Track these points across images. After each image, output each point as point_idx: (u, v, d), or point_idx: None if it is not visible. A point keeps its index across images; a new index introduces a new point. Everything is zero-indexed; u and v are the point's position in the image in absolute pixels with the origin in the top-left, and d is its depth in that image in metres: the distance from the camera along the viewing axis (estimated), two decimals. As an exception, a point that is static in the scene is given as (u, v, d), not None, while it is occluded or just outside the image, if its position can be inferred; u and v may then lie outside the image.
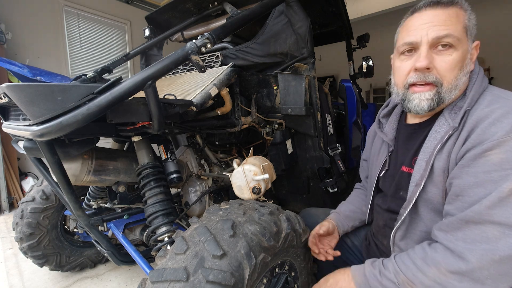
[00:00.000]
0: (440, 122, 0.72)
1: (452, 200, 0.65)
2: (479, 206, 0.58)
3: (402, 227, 0.78)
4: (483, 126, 0.62)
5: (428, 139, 0.73)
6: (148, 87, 0.80)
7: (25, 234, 1.54)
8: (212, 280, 0.63)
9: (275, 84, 1.42)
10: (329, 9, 2.13)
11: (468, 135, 0.64)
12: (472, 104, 0.67)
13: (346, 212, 1.06)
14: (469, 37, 0.69)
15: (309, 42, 1.31)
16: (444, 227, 0.64)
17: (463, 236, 0.60)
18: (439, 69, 0.69)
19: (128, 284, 1.67)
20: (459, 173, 0.64)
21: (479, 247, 0.57)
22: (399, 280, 0.67)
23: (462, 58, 0.68)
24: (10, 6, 3.44)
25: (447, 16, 0.67)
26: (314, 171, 1.55)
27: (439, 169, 0.69)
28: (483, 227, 0.57)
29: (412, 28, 0.72)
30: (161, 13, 1.91)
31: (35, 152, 0.93)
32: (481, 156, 0.60)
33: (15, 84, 0.67)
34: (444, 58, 0.68)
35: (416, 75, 0.71)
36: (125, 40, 4.72)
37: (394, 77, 0.81)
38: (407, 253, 0.70)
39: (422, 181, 0.71)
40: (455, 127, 0.66)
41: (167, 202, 1.13)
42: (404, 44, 0.73)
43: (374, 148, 1.00)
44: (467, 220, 0.59)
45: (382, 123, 0.98)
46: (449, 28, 0.66)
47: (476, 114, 0.64)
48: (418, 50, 0.71)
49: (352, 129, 2.23)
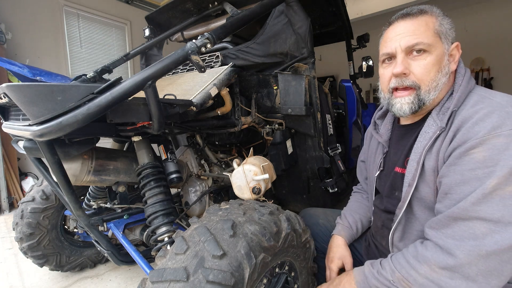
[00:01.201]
0: (429, 123, 0.74)
1: (442, 198, 0.67)
2: (464, 202, 0.60)
3: (399, 227, 0.80)
4: (467, 126, 0.64)
5: (418, 140, 0.75)
6: (148, 87, 0.80)
7: (25, 234, 1.53)
8: (212, 280, 0.63)
9: (275, 84, 1.42)
10: (329, 9, 2.13)
11: (454, 135, 0.66)
12: (459, 105, 0.70)
13: (359, 227, 1.03)
14: (444, 40, 0.73)
15: (309, 42, 1.31)
16: (434, 225, 0.67)
17: (452, 232, 0.62)
18: (416, 73, 0.74)
19: (128, 284, 1.67)
20: (447, 172, 0.66)
21: (466, 243, 0.59)
22: (395, 278, 0.69)
23: (438, 61, 0.72)
24: (10, 6, 3.44)
25: (416, 25, 0.73)
26: (314, 171, 1.55)
27: (429, 169, 0.71)
28: (470, 223, 0.59)
29: (388, 40, 0.79)
30: (161, 13, 1.91)
31: (35, 152, 0.93)
32: (466, 154, 0.62)
33: (15, 84, 0.67)
34: (419, 63, 0.73)
35: (395, 80, 0.77)
36: (125, 40, 4.72)
37: (380, 83, 0.87)
38: (402, 252, 0.72)
39: (414, 181, 0.73)
40: (443, 127, 0.69)
41: (167, 202, 1.13)
42: (383, 55, 0.81)
43: (370, 150, 1.01)
44: (455, 217, 0.62)
45: (377, 124, 1.00)
46: (419, 37, 0.72)
47: (461, 115, 0.67)
48: (396, 58, 0.76)
49: (352, 129, 2.23)
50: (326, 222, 1.13)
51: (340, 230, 1.03)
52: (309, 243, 0.98)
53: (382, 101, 0.87)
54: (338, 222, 1.06)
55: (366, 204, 1.09)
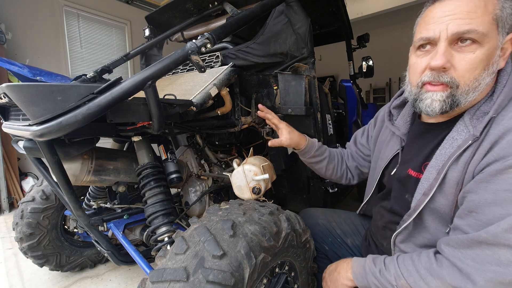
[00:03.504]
0: (458, 128, 0.64)
1: (464, 215, 0.60)
2: (495, 228, 0.53)
3: (404, 232, 0.75)
4: (509, 139, 0.55)
5: (443, 146, 0.66)
6: (148, 87, 0.80)
7: (25, 234, 1.53)
8: (212, 280, 0.63)
9: (275, 84, 1.42)
10: (329, 9, 2.13)
11: (491, 147, 0.57)
12: (499, 111, 0.59)
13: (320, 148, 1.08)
14: (501, 29, 0.59)
15: (309, 42, 1.31)
16: (452, 243, 0.60)
17: (473, 255, 0.56)
18: (457, 68, 0.61)
19: (128, 284, 1.67)
20: (476, 188, 0.58)
21: (489, 268, 0.53)
22: (399, 284, 0.66)
23: (488, 56, 0.59)
24: (10, 6, 3.43)
25: (472, 6, 0.58)
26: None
27: (452, 181, 0.63)
28: (497, 249, 0.53)
29: (431, 21, 0.63)
30: (161, 13, 1.91)
31: (35, 152, 0.93)
32: (504, 173, 0.54)
33: (15, 84, 0.67)
34: (465, 56, 0.59)
35: (430, 73, 0.64)
36: (125, 40, 4.72)
37: (409, 74, 0.73)
38: (411, 259, 0.67)
39: (431, 191, 0.65)
40: (476, 137, 0.59)
41: (167, 202, 1.13)
42: (420, 39, 0.66)
43: (381, 137, 0.93)
44: (480, 241, 0.55)
45: (393, 114, 0.90)
46: (473, 22, 0.57)
47: (503, 124, 0.57)
48: (436, 46, 0.63)
49: (352, 129, 2.23)
50: (326, 222, 1.12)
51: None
52: (309, 243, 0.98)
53: (408, 94, 0.75)
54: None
55: (339, 161, 1.09)
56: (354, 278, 0.76)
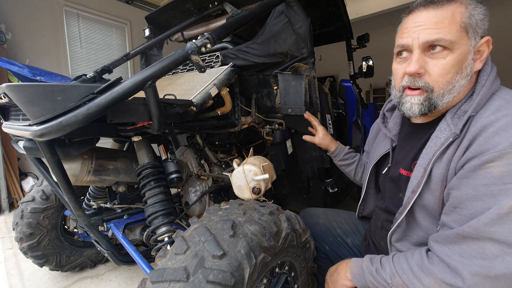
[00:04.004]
0: (441, 127, 0.68)
1: (450, 212, 0.63)
2: (476, 222, 0.55)
3: (398, 230, 0.77)
4: (486, 135, 0.58)
5: (429, 145, 0.70)
6: (148, 87, 0.80)
7: (25, 234, 1.53)
8: (212, 280, 0.63)
9: (275, 84, 1.42)
10: (329, 9, 2.13)
11: (470, 144, 0.60)
12: (478, 109, 0.62)
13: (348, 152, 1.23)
14: (472, 34, 0.64)
15: (309, 42, 1.31)
16: (440, 240, 0.62)
17: (460, 250, 0.58)
18: (431, 74, 0.66)
19: (128, 284, 1.67)
20: (458, 184, 0.61)
21: (475, 263, 0.55)
22: (394, 282, 0.67)
23: (459, 61, 0.64)
24: (10, 6, 3.43)
25: (440, 17, 0.64)
26: (314, 171, 1.55)
27: (437, 178, 0.66)
28: (481, 243, 0.55)
29: (405, 31, 0.70)
30: (161, 13, 1.91)
31: (35, 152, 0.93)
32: (481, 168, 0.56)
33: (15, 84, 0.67)
34: (437, 62, 0.65)
35: (408, 78, 0.70)
36: (125, 40, 4.72)
37: (393, 79, 0.80)
38: (405, 257, 0.69)
39: (418, 188, 0.69)
40: (457, 134, 0.63)
41: (167, 202, 1.13)
42: (398, 46, 0.72)
43: (377, 141, 0.99)
44: (465, 235, 0.57)
45: (386, 117, 0.95)
46: (441, 31, 0.63)
47: (480, 122, 0.60)
48: (412, 53, 0.68)
49: (352, 129, 2.23)
50: (326, 222, 1.12)
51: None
52: (309, 243, 0.98)
53: (393, 98, 0.81)
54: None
55: (361, 165, 1.19)
56: (352, 278, 0.77)
